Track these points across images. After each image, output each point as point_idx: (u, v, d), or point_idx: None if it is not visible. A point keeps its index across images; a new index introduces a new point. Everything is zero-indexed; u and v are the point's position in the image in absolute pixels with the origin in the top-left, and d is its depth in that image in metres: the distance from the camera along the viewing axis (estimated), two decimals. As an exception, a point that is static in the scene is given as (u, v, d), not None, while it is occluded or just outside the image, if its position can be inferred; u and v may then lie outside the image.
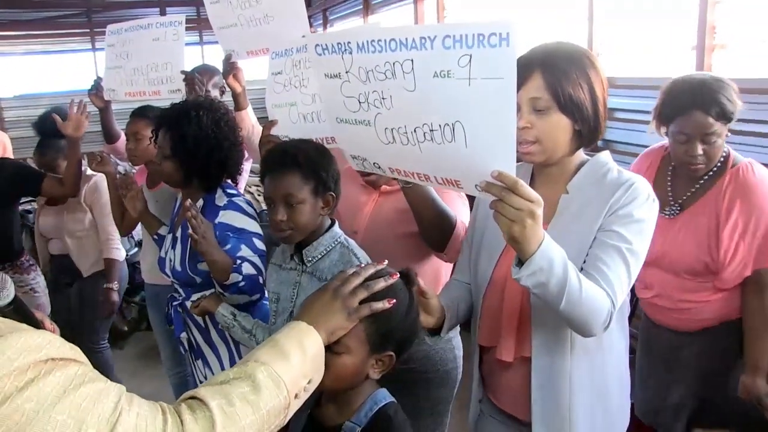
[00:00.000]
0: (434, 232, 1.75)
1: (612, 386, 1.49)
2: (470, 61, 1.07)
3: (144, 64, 2.65)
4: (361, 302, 1.11)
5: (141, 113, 2.64)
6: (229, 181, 2.13)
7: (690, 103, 1.88)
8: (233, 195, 2.06)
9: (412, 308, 1.24)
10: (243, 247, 1.90)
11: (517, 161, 1.17)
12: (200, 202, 2.04)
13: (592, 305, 1.24)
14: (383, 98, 1.27)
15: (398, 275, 1.19)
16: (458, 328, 1.80)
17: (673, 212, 2.05)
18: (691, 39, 3.01)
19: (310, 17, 2.34)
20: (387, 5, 6.84)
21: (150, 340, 4.09)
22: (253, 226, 1.99)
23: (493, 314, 1.48)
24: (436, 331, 1.49)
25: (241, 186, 2.61)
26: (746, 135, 2.60)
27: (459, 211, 1.84)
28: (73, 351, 0.82)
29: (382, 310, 1.13)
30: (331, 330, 1.07)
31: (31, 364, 0.75)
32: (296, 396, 0.98)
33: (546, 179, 1.45)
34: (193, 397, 0.90)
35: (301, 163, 1.58)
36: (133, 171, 2.83)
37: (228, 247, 1.87)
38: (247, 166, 2.69)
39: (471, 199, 1.61)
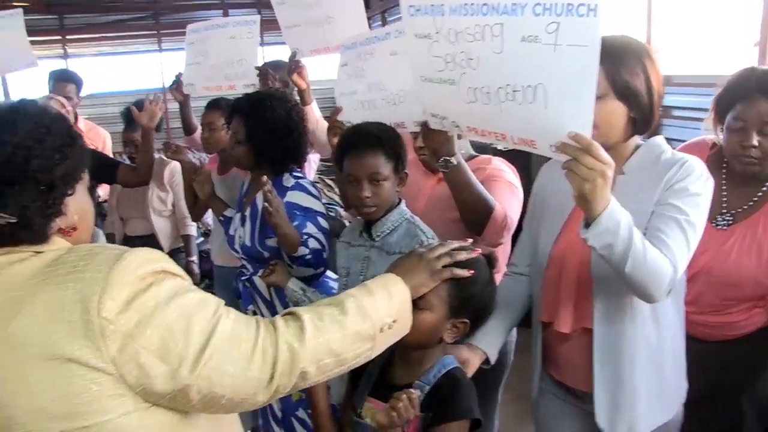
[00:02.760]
0: (472, 215, 1.85)
1: (667, 361, 1.55)
2: (558, 28, 1.15)
3: (221, 61, 2.84)
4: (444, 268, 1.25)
5: (215, 104, 2.83)
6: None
7: (753, 89, 1.76)
8: (299, 177, 2.23)
9: (490, 285, 1.37)
10: (309, 224, 2.07)
11: None
12: None
13: (655, 269, 1.31)
14: (470, 59, 1.35)
15: (480, 252, 1.33)
16: None
17: (725, 222, 1.89)
18: (753, 35, 3.01)
19: (368, 19, 2.47)
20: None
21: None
22: (318, 206, 2.15)
23: (553, 289, 1.57)
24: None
25: (310, 176, 2.76)
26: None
27: (506, 200, 1.92)
28: (179, 269, 1.02)
29: (463, 277, 1.27)
30: (415, 285, 1.21)
31: (150, 272, 0.95)
32: (381, 330, 1.12)
33: None
34: (288, 313, 1.08)
35: (384, 143, 1.73)
36: (206, 159, 3.02)
37: (295, 224, 2.04)
38: (314, 157, 2.84)
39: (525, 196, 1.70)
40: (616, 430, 1.52)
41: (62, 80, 3.61)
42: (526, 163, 4.46)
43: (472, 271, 1.28)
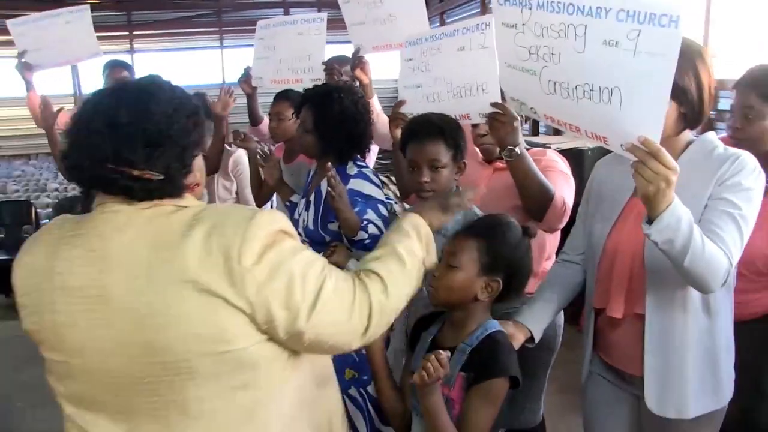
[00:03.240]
0: (534, 201, 1.96)
1: (720, 350, 1.60)
2: (639, 35, 1.22)
3: (289, 55, 2.98)
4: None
5: (284, 95, 2.97)
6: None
7: (743, 82, 2.06)
8: (362, 166, 2.34)
9: (521, 248, 1.51)
10: (369, 211, 2.17)
11: None
12: (332, 172, 2.32)
13: (712, 262, 1.38)
14: (552, 54, 1.45)
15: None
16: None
17: None
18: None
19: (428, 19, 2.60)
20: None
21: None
22: (379, 194, 2.26)
23: (606, 277, 1.65)
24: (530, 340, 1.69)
25: (370, 165, 2.88)
26: None
27: (562, 188, 2.04)
28: (293, 229, 1.19)
29: (494, 237, 1.47)
30: (431, 220, 1.39)
31: (274, 231, 1.12)
32: (423, 263, 1.32)
33: None
34: (366, 270, 1.25)
35: (446, 132, 1.85)
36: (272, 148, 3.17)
37: (356, 210, 2.14)
38: (374, 148, 2.97)
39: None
40: (665, 412, 1.58)
41: (118, 66, 3.81)
42: (579, 160, 4.54)
43: (473, 205, 1.49)
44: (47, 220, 5.59)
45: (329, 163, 2.07)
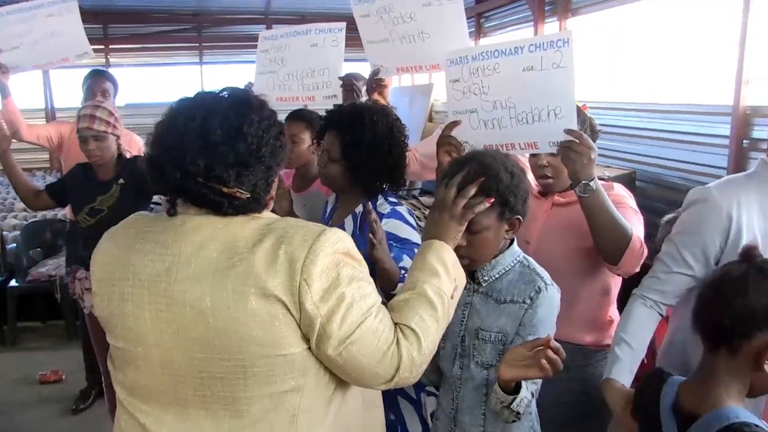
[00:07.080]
0: (610, 243, 1.71)
1: None
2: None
3: (299, 69, 2.67)
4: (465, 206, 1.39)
5: (299, 116, 2.63)
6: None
7: None
8: (395, 204, 2.00)
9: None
10: (405, 257, 1.83)
11: None
12: (359, 208, 1.99)
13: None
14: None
15: (482, 177, 1.41)
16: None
17: None
18: None
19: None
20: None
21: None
22: (416, 237, 1.91)
23: None
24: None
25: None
26: None
27: (633, 224, 1.78)
28: (359, 254, 1.21)
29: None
30: (453, 240, 1.38)
31: (339, 250, 1.15)
32: (452, 297, 1.32)
33: None
34: (398, 324, 1.23)
35: (491, 189, 1.46)
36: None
37: (391, 256, 1.80)
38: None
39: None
40: None
41: (101, 76, 3.43)
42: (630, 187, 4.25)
43: (491, 200, 1.40)
44: (14, 245, 5.28)
45: (369, 205, 1.72)
